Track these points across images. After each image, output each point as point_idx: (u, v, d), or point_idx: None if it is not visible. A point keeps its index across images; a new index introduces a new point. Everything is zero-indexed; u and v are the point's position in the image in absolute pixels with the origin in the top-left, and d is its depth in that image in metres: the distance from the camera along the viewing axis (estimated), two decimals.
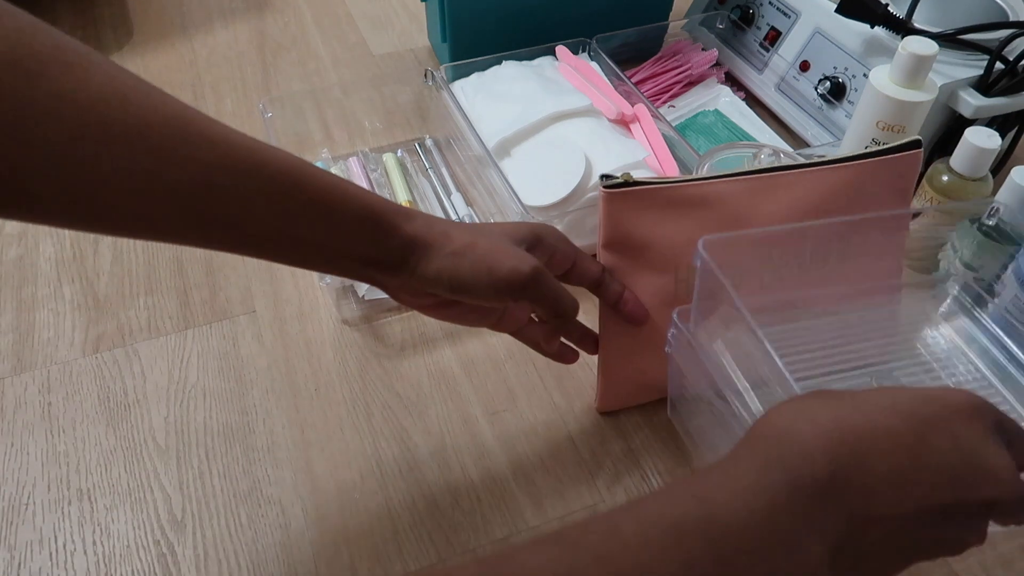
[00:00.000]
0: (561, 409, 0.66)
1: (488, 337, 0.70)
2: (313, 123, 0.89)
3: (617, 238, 0.60)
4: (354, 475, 0.61)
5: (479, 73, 0.88)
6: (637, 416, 0.65)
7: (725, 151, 0.71)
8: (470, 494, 0.60)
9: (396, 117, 0.91)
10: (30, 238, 0.79)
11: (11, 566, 0.56)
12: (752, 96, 0.94)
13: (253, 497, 0.60)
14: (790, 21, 0.88)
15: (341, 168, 0.83)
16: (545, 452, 0.63)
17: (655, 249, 0.60)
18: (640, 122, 0.81)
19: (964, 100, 0.73)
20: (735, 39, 0.95)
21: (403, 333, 0.71)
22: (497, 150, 0.78)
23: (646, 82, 0.94)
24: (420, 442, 0.63)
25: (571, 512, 0.59)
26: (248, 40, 1.05)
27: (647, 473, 0.61)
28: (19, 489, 0.60)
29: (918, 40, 0.66)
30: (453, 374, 0.68)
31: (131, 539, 0.57)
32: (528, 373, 0.68)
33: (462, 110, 0.83)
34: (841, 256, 0.60)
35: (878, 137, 0.70)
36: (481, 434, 0.64)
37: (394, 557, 0.57)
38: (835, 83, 0.82)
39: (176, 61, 1.02)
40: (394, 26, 1.08)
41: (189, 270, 0.76)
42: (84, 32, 1.05)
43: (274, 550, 0.57)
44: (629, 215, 0.59)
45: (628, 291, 0.58)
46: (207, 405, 0.65)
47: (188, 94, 0.96)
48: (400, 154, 0.87)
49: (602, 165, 0.74)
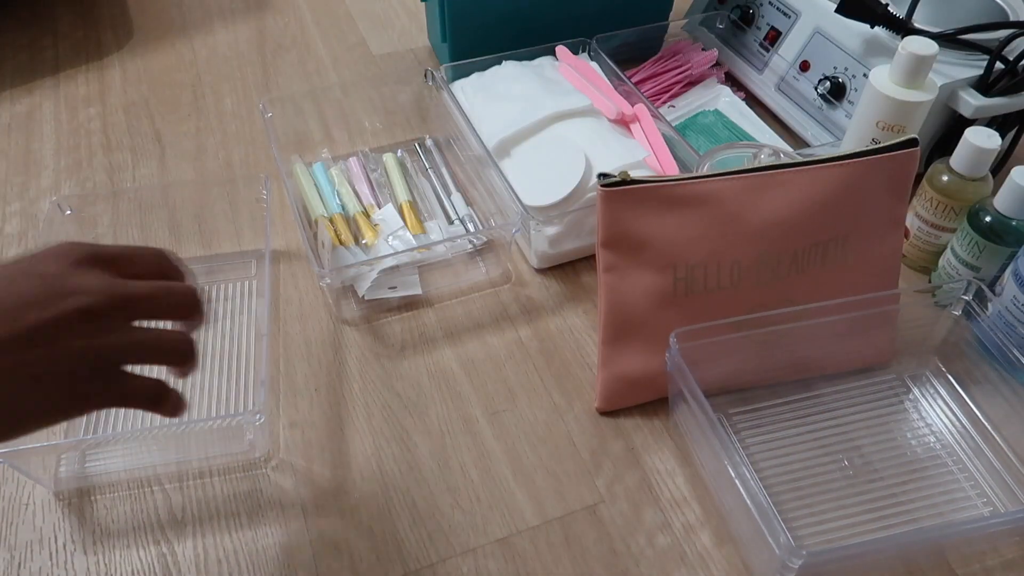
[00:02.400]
0: (561, 409, 0.66)
1: (488, 337, 0.71)
2: (313, 123, 0.89)
3: (616, 237, 0.60)
4: (354, 475, 0.61)
5: (479, 73, 0.88)
6: (637, 416, 0.65)
7: (725, 151, 0.71)
8: (470, 494, 0.60)
9: (396, 117, 0.91)
10: (30, 238, 0.79)
11: (11, 566, 0.56)
12: (752, 96, 0.94)
13: (253, 497, 0.60)
14: (790, 21, 0.88)
15: (341, 168, 0.84)
16: (545, 452, 0.63)
17: (654, 247, 0.60)
18: (640, 122, 0.81)
19: (964, 100, 0.73)
20: (735, 39, 0.95)
21: (403, 333, 0.71)
22: (497, 150, 0.78)
23: (646, 82, 0.94)
24: (420, 442, 0.63)
25: (571, 512, 0.59)
26: (248, 40, 1.05)
27: (647, 473, 0.62)
28: (19, 489, 0.60)
29: (918, 40, 0.66)
30: (453, 374, 0.68)
31: (131, 539, 0.58)
32: (528, 373, 0.68)
33: (462, 110, 0.83)
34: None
35: (878, 137, 0.70)
36: (481, 434, 0.64)
37: (394, 557, 0.57)
38: (835, 83, 0.82)
39: (176, 61, 1.02)
40: (394, 26, 1.08)
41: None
42: (84, 32, 1.06)
43: (274, 550, 0.57)
44: (627, 214, 0.59)
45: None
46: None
47: (188, 94, 0.96)
48: (400, 154, 0.87)
49: (602, 165, 0.74)
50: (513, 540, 0.58)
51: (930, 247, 0.74)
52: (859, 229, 0.62)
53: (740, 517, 0.55)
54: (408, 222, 0.78)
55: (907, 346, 0.67)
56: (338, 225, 0.77)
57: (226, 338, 0.70)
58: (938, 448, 0.62)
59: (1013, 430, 0.62)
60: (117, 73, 0.99)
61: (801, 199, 0.60)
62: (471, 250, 0.77)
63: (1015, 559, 0.57)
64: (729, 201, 0.59)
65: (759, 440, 0.62)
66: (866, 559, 0.55)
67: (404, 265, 0.74)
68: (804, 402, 0.65)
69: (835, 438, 0.63)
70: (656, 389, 0.64)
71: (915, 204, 0.73)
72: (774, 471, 0.60)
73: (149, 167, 0.87)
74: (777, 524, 0.49)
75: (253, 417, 0.57)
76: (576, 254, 0.76)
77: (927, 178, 0.72)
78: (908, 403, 0.65)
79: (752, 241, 0.60)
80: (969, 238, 0.68)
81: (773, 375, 0.65)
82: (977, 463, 0.61)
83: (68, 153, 0.89)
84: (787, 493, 0.59)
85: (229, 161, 0.87)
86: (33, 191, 0.84)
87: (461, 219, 0.80)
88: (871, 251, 0.64)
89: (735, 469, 0.52)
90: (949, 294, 0.65)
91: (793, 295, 0.63)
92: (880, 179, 0.61)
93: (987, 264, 0.68)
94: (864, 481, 0.60)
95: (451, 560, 0.57)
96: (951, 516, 0.58)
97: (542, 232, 0.73)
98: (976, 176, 0.69)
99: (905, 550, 0.56)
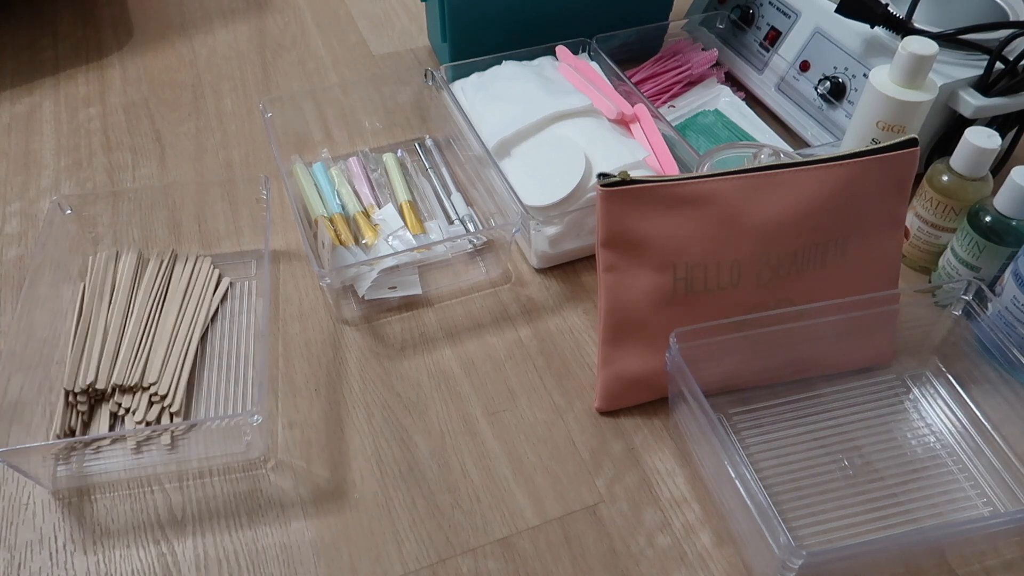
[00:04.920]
0: (561, 409, 0.66)
1: (488, 337, 0.71)
2: (313, 123, 0.89)
3: (616, 237, 0.60)
4: (354, 475, 0.61)
5: (479, 73, 0.88)
6: (637, 416, 0.65)
7: (725, 151, 0.71)
8: (470, 494, 0.60)
9: (396, 117, 0.91)
10: (30, 238, 0.79)
11: (11, 566, 0.56)
12: (752, 96, 0.94)
13: (253, 497, 0.60)
14: (790, 21, 0.88)
15: (341, 168, 0.84)
16: (545, 452, 0.63)
17: (654, 247, 0.60)
18: (640, 122, 0.81)
19: (964, 100, 0.73)
20: (735, 39, 0.95)
21: (403, 333, 0.71)
22: (497, 150, 0.78)
23: (646, 82, 0.94)
24: (420, 442, 0.63)
25: (571, 512, 0.59)
26: (248, 40, 1.05)
27: (647, 473, 0.62)
28: (19, 489, 0.60)
29: (918, 40, 0.66)
30: (453, 374, 0.68)
31: (131, 539, 0.58)
32: (528, 373, 0.68)
33: (462, 110, 0.83)
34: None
35: (878, 137, 0.70)
36: (481, 434, 0.64)
37: (394, 557, 0.57)
38: (835, 83, 0.82)
39: (176, 61, 1.02)
40: (394, 26, 1.08)
41: None
42: (84, 32, 1.06)
43: (274, 550, 0.57)
44: (627, 213, 0.59)
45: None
46: None
47: (188, 94, 0.96)
48: (400, 154, 0.87)
49: (602, 165, 0.74)
50: (513, 540, 0.58)
51: (930, 247, 0.74)
52: (859, 229, 0.62)
53: (740, 517, 0.55)
54: (408, 222, 0.78)
55: (907, 346, 0.67)
56: (338, 225, 0.77)
57: (226, 338, 0.70)
58: (938, 448, 0.62)
59: (1013, 430, 0.62)
60: (117, 73, 0.99)
61: (801, 199, 0.60)
62: (471, 250, 0.77)
63: (1015, 559, 0.57)
64: (729, 201, 0.59)
65: (759, 440, 0.62)
66: (866, 559, 0.55)
67: (404, 265, 0.74)
68: (804, 402, 0.65)
69: (835, 438, 0.63)
70: (656, 389, 0.64)
71: (915, 204, 0.73)
72: (774, 471, 0.60)
73: (149, 167, 0.87)
74: (777, 524, 0.49)
75: (251, 417, 0.57)
76: (576, 254, 0.76)
77: (927, 178, 0.72)
78: (908, 403, 0.65)
79: (752, 241, 0.60)
80: (969, 238, 0.68)
81: (773, 375, 0.65)
82: (977, 463, 0.61)
83: (68, 153, 0.89)
84: (787, 493, 0.59)
85: (229, 161, 0.87)
86: (33, 191, 0.84)
87: (461, 219, 0.80)
88: (871, 251, 0.64)
89: (735, 469, 0.52)
90: (949, 294, 0.65)
91: (793, 295, 0.63)
92: (880, 179, 0.61)
93: (987, 264, 0.68)
94: (864, 481, 0.60)
95: (451, 560, 0.57)
96: (951, 516, 0.58)
97: (542, 232, 0.73)
98: (976, 176, 0.69)
99: (905, 550, 0.56)
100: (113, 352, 0.66)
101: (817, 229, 0.61)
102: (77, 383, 0.63)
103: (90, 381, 0.63)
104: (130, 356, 0.65)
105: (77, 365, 0.64)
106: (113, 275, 0.72)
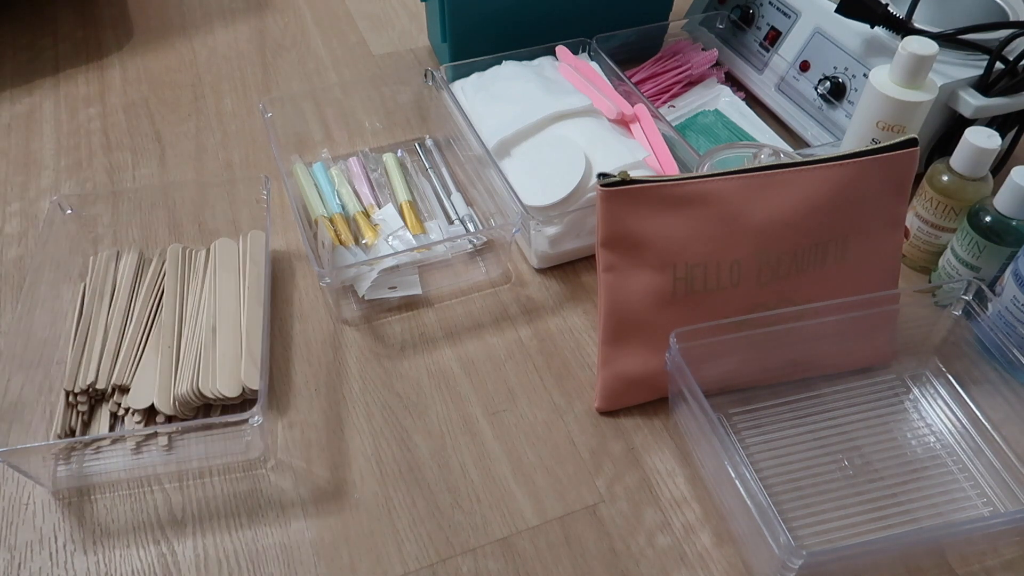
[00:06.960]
0: (561, 409, 0.66)
1: (488, 337, 0.71)
2: (313, 123, 0.89)
3: (615, 236, 0.60)
4: (354, 475, 0.61)
5: (479, 73, 0.88)
6: (637, 416, 0.65)
7: (725, 151, 0.71)
8: (470, 494, 0.60)
9: (396, 117, 0.91)
10: (30, 238, 0.79)
11: (11, 566, 0.56)
12: (752, 96, 0.94)
13: (253, 497, 0.60)
14: (790, 21, 0.88)
15: (341, 168, 0.84)
16: (545, 452, 0.63)
17: (653, 247, 0.60)
18: (640, 122, 0.81)
19: (964, 100, 0.73)
20: (735, 39, 0.95)
21: (403, 333, 0.71)
22: (497, 150, 0.78)
23: (646, 82, 0.94)
24: (420, 442, 0.63)
25: (571, 512, 0.59)
26: (248, 40, 1.05)
27: (647, 473, 0.62)
28: (19, 489, 0.60)
29: (918, 40, 0.66)
30: (453, 374, 0.68)
31: (131, 539, 0.58)
32: (528, 373, 0.68)
33: (462, 110, 0.83)
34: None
35: (878, 137, 0.70)
36: (481, 434, 0.64)
37: (394, 557, 0.57)
38: (835, 83, 0.82)
39: (176, 61, 1.02)
40: (394, 26, 1.08)
41: None
42: (84, 32, 1.06)
43: (274, 550, 0.57)
44: (627, 213, 0.59)
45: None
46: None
47: (188, 94, 0.96)
48: (400, 154, 0.87)
49: (602, 165, 0.74)
50: (513, 540, 0.58)
51: (930, 247, 0.74)
52: (859, 229, 0.62)
53: (740, 517, 0.55)
54: (408, 222, 0.78)
55: (907, 346, 0.67)
56: (338, 225, 0.77)
57: None
58: (938, 448, 0.62)
59: (1013, 430, 0.62)
60: (117, 73, 0.99)
61: (801, 199, 0.60)
62: (471, 250, 0.77)
63: (1015, 559, 0.57)
64: (729, 201, 0.59)
65: (759, 440, 0.62)
66: (866, 559, 0.55)
67: (404, 265, 0.74)
68: (804, 402, 0.65)
69: (835, 438, 0.63)
70: (656, 389, 0.64)
71: (915, 204, 0.73)
72: (774, 471, 0.60)
73: (149, 167, 0.87)
74: (777, 524, 0.49)
75: (251, 418, 0.57)
76: (576, 254, 0.76)
77: (927, 178, 0.72)
78: (908, 403, 0.65)
79: (752, 241, 0.60)
80: (969, 238, 0.68)
81: (773, 375, 0.65)
82: (977, 463, 0.61)
83: (68, 153, 0.89)
84: (787, 493, 0.59)
85: (229, 161, 0.87)
86: (33, 191, 0.84)
87: (461, 219, 0.80)
88: (871, 251, 0.64)
89: (735, 469, 0.52)
90: (949, 294, 0.65)
91: (793, 295, 0.63)
92: (880, 179, 0.61)
93: (987, 264, 0.68)
94: (864, 481, 0.60)
95: (451, 560, 0.57)
96: (951, 516, 0.58)
97: (542, 232, 0.73)
98: (976, 176, 0.69)
99: (905, 550, 0.56)
100: (113, 352, 0.66)
101: (817, 229, 0.61)
102: (77, 383, 0.63)
103: (90, 381, 0.63)
104: (130, 356, 0.65)
105: (77, 365, 0.64)
106: (113, 275, 0.72)
